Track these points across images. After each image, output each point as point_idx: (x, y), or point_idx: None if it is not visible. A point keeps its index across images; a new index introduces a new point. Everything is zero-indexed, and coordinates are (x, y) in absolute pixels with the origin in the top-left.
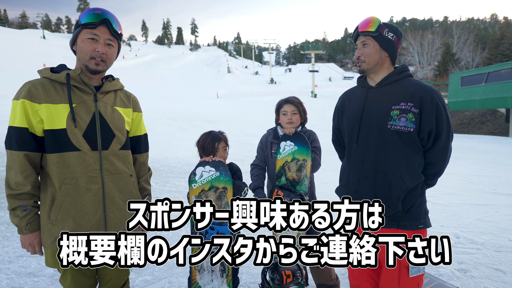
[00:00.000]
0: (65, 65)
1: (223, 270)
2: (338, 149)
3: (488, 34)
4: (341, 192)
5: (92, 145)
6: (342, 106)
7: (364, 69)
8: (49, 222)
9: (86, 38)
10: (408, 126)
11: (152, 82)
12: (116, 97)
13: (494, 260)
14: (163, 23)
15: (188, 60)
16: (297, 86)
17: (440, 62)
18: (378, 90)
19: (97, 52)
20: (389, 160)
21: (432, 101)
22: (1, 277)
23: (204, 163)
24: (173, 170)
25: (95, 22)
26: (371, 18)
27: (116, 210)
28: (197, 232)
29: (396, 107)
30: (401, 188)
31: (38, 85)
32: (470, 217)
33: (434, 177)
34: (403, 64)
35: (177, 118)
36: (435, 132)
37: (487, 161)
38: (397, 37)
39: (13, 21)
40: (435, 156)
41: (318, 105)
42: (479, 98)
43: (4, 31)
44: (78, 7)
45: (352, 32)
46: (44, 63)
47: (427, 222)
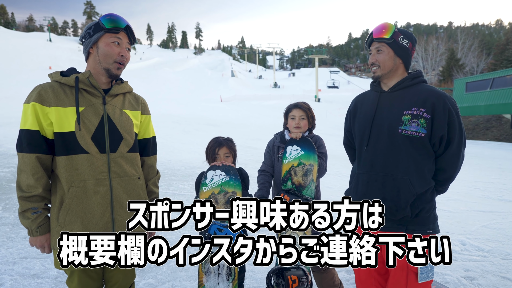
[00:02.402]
0: (75, 69)
1: (229, 274)
2: (349, 152)
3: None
4: (350, 195)
5: (100, 147)
6: (354, 109)
7: (379, 75)
8: (57, 225)
9: (110, 41)
10: (419, 131)
11: (156, 85)
12: (125, 100)
13: (501, 268)
14: (168, 27)
15: (192, 63)
16: (301, 90)
17: (444, 68)
18: (390, 95)
19: (121, 56)
20: (399, 164)
21: (445, 107)
22: (5, 278)
23: (215, 167)
24: (176, 173)
25: (119, 28)
26: (386, 24)
27: (123, 212)
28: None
29: (408, 112)
30: (410, 192)
31: (48, 88)
32: (476, 224)
33: (445, 183)
34: (417, 70)
35: (181, 121)
36: (446, 138)
37: (492, 167)
38: (412, 44)
39: (20, 24)
40: (446, 162)
41: (321, 110)
42: (484, 104)
43: (12, 34)
44: (84, 11)
45: (367, 37)
46: (50, 66)
47: (436, 228)
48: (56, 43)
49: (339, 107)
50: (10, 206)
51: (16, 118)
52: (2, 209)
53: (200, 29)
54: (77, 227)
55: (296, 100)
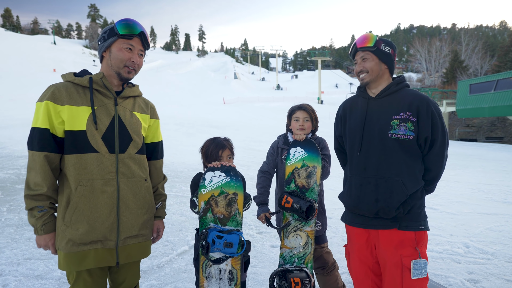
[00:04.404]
0: (87, 70)
1: (232, 279)
2: (340, 157)
3: (497, 41)
4: (344, 198)
5: (110, 147)
6: (343, 115)
7: (367, 81)
8: (63, 224)
9: (123, 47)
10: (407, 134)
11: (159, 88)
12: (135, 103)
13: (505, 271)
14: (171, 29)
15: (196, 66)
16: (304, 92)
17: (448, 69)
18: (378, 101)
19: (132, 61)
20: (391, 167)
21: (428, 109)
22: (10, 279)
23: (214, 168)
24: (179, 175)
25: (133, 34)
26: (367, 34)
27: (129, 214)
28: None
29: (396, 117)
30: (403, 192)
31: (61, 87)
32: (480, 226)
33: (431, 182)
34: (399, 75)
35: (184, 123)
36: (430, 139)
37: (496, 170)
38: (393, 50)
39: (25, 27)
40: (431, 161)
41: (324, 112)
42: (488, 105)
43: (16, 37)
44: (88, 14)
45: (350, 49)
46: (54, 68)
47: (427, 224)
48: (60, 45)
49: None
50: (15, 207)
51: (20, 120)
52: (6, 210)
53: (203, 32)
54: (83, 227)
55: (299, 102)
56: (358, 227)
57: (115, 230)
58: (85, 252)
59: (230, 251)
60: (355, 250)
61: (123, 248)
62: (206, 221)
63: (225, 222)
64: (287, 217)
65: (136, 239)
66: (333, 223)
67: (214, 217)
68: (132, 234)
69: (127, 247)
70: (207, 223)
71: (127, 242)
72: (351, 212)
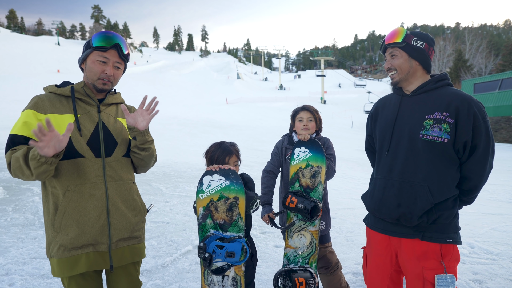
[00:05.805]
0: (69, 81)
1: (235, 285)
2: (371, 157)
3: (502, 40)
4: (366, 199)
5: (95, 152)
6: (375, 113)
7: (397, 80)
8: (53, 231)
9: (96, 60)
10: (441, 136)
11: (162, 88)
12: (118, 109)
13: (510, 271)
14: (174, 30)
15: (198, 66)
16: (307, 92)
17: (452, 69)
18: (412, 98)
19: (106, 74)
20: (418, 171)
21: (469, 111)
22: (16, 278)
23: (211, 172)
24: (182, 175)
25: (106, 46)
26: (397, 29)
27: (119, 216)
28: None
29: (430, 116)
30: (428, 200)
31: (44, 98)
32: (484, 227)
33: (469, 193)
34: (443, 72)
35: (187, 124)
36: (471, 144)
37: (501, 170)
38: (428, 44)
39: (29, 28)
40: (470, 169)
41: (327, 112)
42: (493, 105)
43: (21, 38)
44: (92, 15)
45: (381, 45)
46: (58, 69)
47: (457, 238)
48: (64, 46)
49: (345, 109)
50: (20, 207)
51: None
52: (12, 210)
53: (206, 32)
54: (73, 231)
55: (302, 102)
56: (379, 232)
57: (106, 233)
58: (76, 256)
59: (232, 261)
60: (373, 255)
61: (116, 251)
62: (206, 227)
63: (226, 228)
64: (292, 217)
65: (129, 241)
66: (337, 223)
67: (214, 223)
68: (125, 236)
69: (120, 250)
70: (207, 230)
71: (120, 244)
72: (372, 215)
